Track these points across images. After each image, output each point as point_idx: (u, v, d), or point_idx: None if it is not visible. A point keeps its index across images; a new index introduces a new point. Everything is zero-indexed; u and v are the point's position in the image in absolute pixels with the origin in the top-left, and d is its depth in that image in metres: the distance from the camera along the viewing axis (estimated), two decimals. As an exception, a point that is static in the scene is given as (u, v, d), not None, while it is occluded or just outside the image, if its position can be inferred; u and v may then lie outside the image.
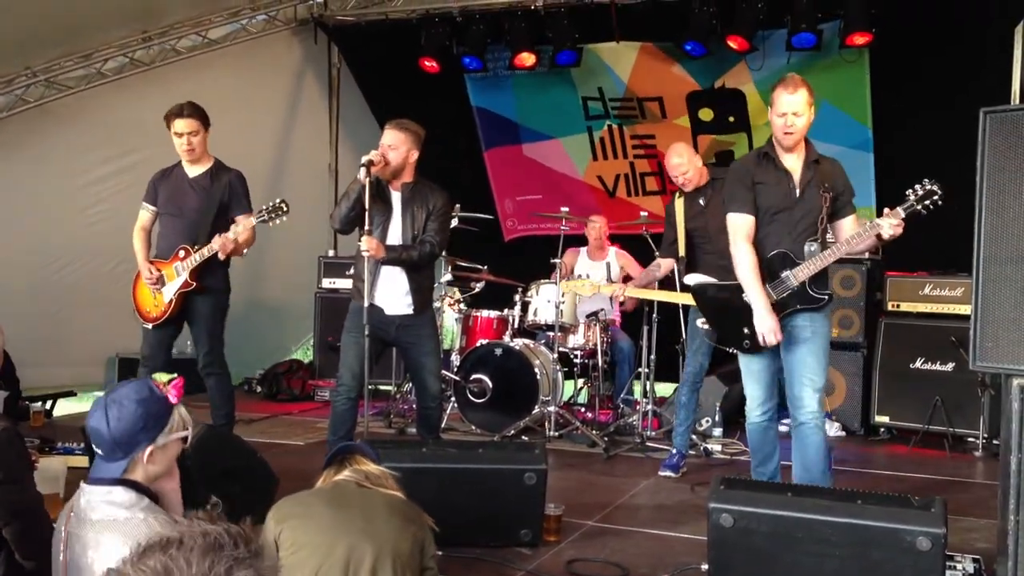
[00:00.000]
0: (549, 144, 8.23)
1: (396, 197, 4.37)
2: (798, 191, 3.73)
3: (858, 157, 6.90)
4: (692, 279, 4.10)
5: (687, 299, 4.42)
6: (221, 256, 4.49)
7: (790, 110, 3.65)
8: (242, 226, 4.52)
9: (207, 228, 4.55)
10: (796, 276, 3.65)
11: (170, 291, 4.56)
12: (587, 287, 5.39)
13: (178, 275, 4.55)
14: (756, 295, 3.64)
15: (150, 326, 4.63)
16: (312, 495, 2.52)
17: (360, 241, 4.20)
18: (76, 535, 2.06)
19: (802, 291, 3.67)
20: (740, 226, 3.73)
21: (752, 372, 3.86)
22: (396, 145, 4.28)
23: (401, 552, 2.32)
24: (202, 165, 4.67)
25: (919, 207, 3.55)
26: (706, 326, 4.03)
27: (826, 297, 3.70)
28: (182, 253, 4.54)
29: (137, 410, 2.11)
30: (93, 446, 2.16)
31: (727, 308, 3.79)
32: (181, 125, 4.55)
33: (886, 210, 3.59)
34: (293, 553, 2.30)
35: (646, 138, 7.87)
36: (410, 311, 4.36)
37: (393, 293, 4.35)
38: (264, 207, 4.54)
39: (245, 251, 4.65)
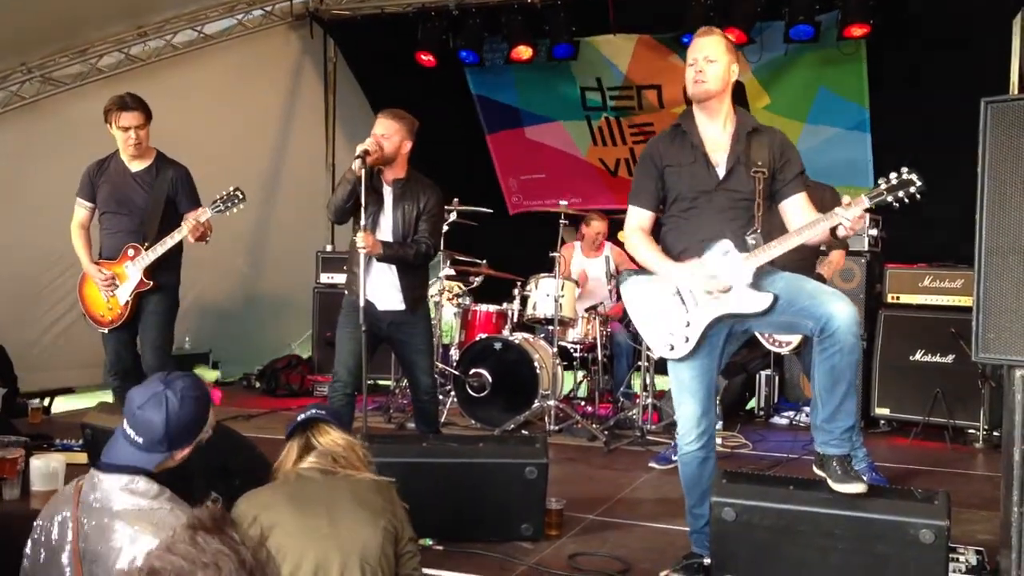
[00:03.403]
0: (551, 126, 8.33)
1: (387, 192, 4.29)
2: (721, 171, 3.04)
3: (856, 138, 6.92)
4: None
5: None
6: (192, 239, 4.26)
7: (700, 54, 3.03)
8: (201, 213, 4.29)
9: (155, 225, 4.34)
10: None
11: (125, 293, 4.37)
12: None
13: (130, 275, 4.35)
14: (662, 265, 3.04)
15: (106, 331, 4.44)
16: (274, 494, 2.39)
17: (356, 236, 4.14)
18: (91, 523, 2.02)
19: (738, 290, 2.95)
20: (632, 219, 3.17)
21: (682, 383, 3.08)
22: (389, 134, 4.20)
23: (369, 554, 2.26)
24: (145, 159, 4.43)
25: (890, 198, 2.83)
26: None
27: (771, 300, 2.91)
28: (131, 252, 4.34)
29: (196, 408, 2.14)
30: (130, 430, 2.09)
31: (650, 303, 3.11)
32: (127, 119, 4.28)
33: (845, 198, 2.85)
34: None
35: (644, 126, 7.91)
36: (402, 307, 4.31)
37: (384, 289, 4.29)
38: (219, 196, 4.30)
39: (208, 239, 4.42)
